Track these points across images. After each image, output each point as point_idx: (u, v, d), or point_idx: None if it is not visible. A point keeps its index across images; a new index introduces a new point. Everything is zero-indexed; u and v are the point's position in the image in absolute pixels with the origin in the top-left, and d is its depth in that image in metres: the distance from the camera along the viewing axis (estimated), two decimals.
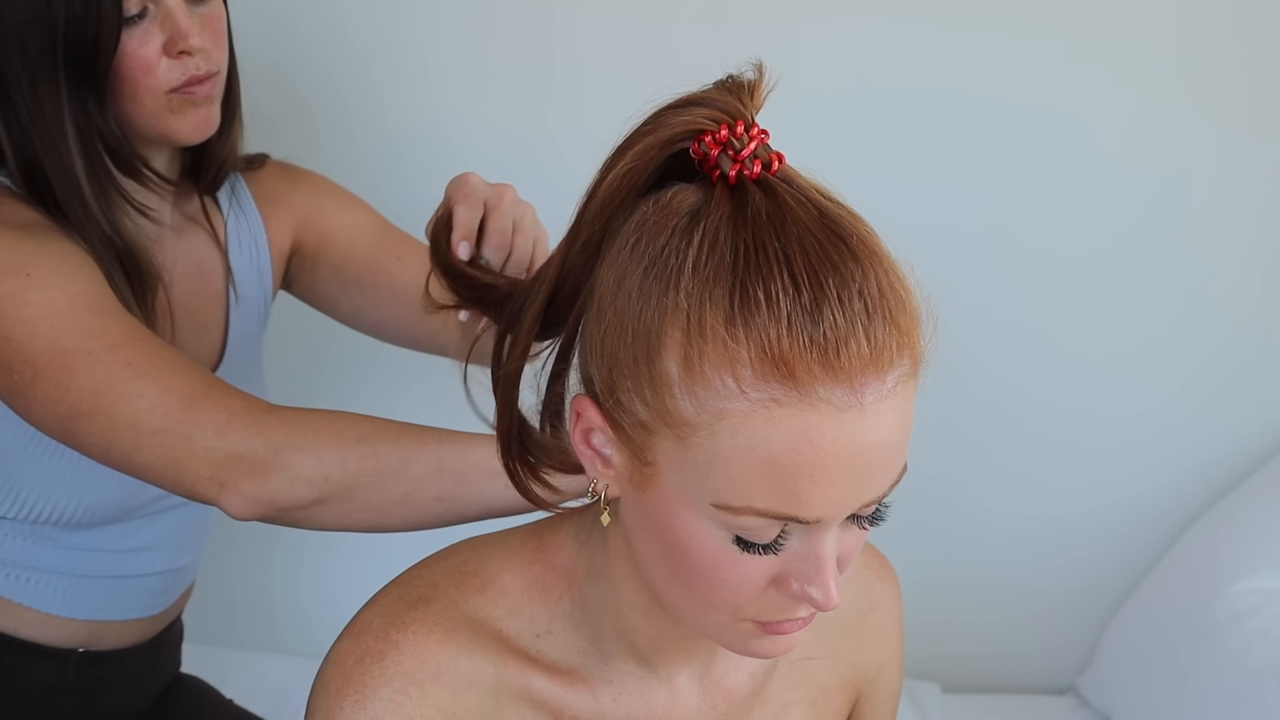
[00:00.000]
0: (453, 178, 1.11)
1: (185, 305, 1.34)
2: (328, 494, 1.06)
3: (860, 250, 0.72)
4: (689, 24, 1.75)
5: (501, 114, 1.80)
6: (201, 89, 1.22)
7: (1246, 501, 1.81)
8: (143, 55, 1.19)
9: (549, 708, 0.87)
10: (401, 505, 1.07)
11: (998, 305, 1.83)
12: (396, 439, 1.07)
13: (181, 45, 1.19)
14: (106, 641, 1.39)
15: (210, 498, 1.08)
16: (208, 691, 1.57)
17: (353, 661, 0.84)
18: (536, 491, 0.87)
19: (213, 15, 1.24)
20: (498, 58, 1.78)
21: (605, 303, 0.76)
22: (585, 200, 0.79)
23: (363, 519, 1.08)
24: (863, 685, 1.01)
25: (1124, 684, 1.82)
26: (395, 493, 1.06)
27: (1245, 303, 1.83)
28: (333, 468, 1.06)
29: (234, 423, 1.07)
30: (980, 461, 1.91)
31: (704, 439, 0.72)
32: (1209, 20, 1.74)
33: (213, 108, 1.25)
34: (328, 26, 1.78)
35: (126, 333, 1.12)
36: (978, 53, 1.76)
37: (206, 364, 1.36)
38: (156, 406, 1.08)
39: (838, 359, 0.70)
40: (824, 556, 0.76)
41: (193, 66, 1.21)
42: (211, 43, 1.23)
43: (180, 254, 1.34)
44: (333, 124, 1.82)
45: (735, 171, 0.74)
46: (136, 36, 1.18)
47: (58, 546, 1.32)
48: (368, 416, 1.10)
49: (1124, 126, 1.78)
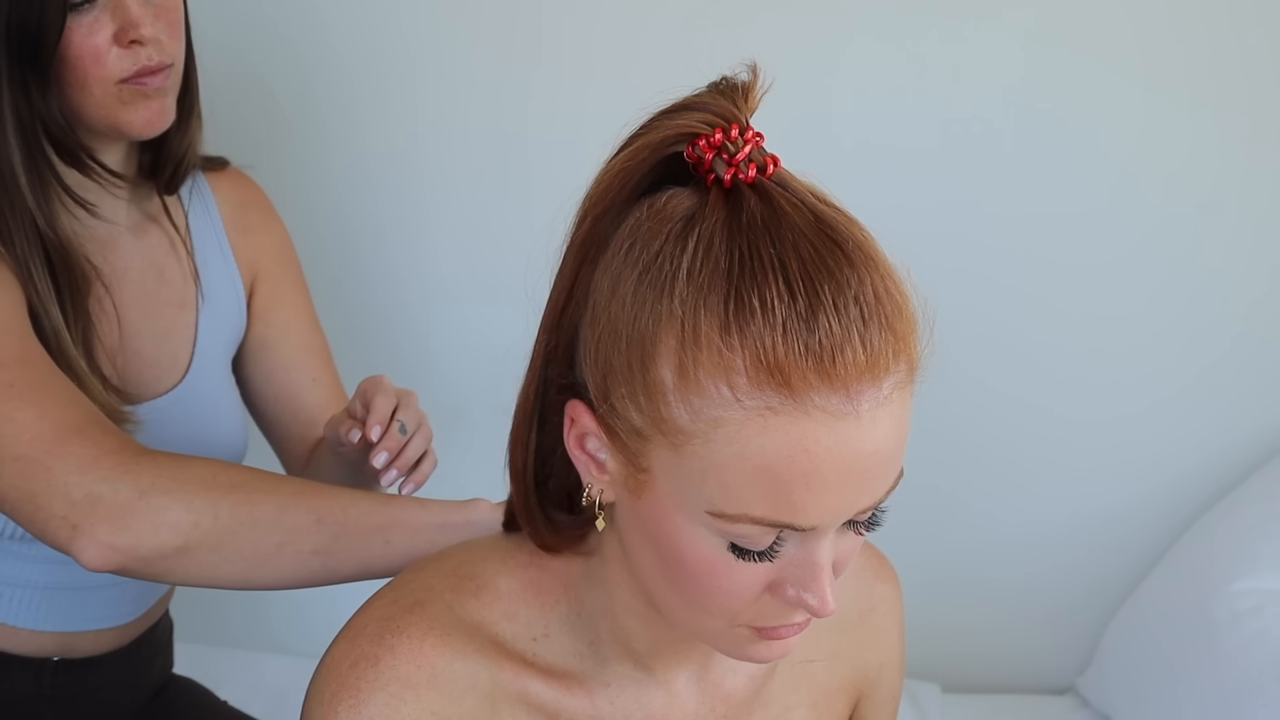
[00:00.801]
0: (367, 378, 1.18)
1: (144, 308, 1.31)
2: (195, 542, 1.01)
3: (856, 255, 0.72)
4: (682, 24, 1.75)
5: (481, 117, 1.80)
6: (154, 80, 1.19)
7: (1246, 501, 1.81)
8: (92, 44, 1.16)
9: (546, 711, 0.87)
10: (275, 558, 1.03)
11: (998, 309, 1.83)
12: (274, 489, 1.04)
13: (133, 34, 1.16)
14: (80, 650, 1.34)
15: (61, 542, 1.02)
16: (201, 694, 1.55)
17: (347, 666, 0.83)
18: (548, 537, 0.86)
19: (168, 6, 1.21)
20: (479, 57, 1.78)
21: (599, 308, 0.76)
22: (580, 204, 0.79)
23: (232, 572, 1.03)
24: (863, 686, 1.01)
25: (1124, 684, 1.81)
26: (269, 544, 1.02)
27: (1245, 305, 1.83)
28: (203, 514, 1.01)
29: (101, 461, 1.02)
30: (981, 462, 1.90)
31: (699, 447, 0.72)
32: (1212, 27, 1.74)
33: (166, 100, 1.22)
34: (308, 25, 1.78)
35: (19, 355, 1.09)
36: (979, 56, 1.76)
37: (171, 372, 1.32)
38: (24, 433, 1.04)
39: (833, 366, 0.70)
40: (820, 563, 0.75)
41: (144, 57, 1.18)
42: (166, 34, 1.20)
43: (138, 255, 1.31)
44: (305, 124, 1.82)
45: (730, 175, 0.73)
46: (86, 24, 1.16)
47: (20, 559, 1.28)
48: (247, 466, 1.07)
49: (1124, 131, 1.78)
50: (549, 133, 1.79)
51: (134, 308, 1.30)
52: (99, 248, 1.27)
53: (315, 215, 1.83)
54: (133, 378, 1.30)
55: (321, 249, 1.85)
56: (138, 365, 1.30)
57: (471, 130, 1.80)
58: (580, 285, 0.78)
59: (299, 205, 1.81)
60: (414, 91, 1.81)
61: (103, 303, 1.26)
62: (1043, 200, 1.80)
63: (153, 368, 1.32)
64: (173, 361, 1.33)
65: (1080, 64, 1.76)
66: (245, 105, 1.79)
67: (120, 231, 1.29)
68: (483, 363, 1.52)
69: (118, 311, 1.27)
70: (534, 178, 1.80)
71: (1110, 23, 1.74)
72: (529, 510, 0.85)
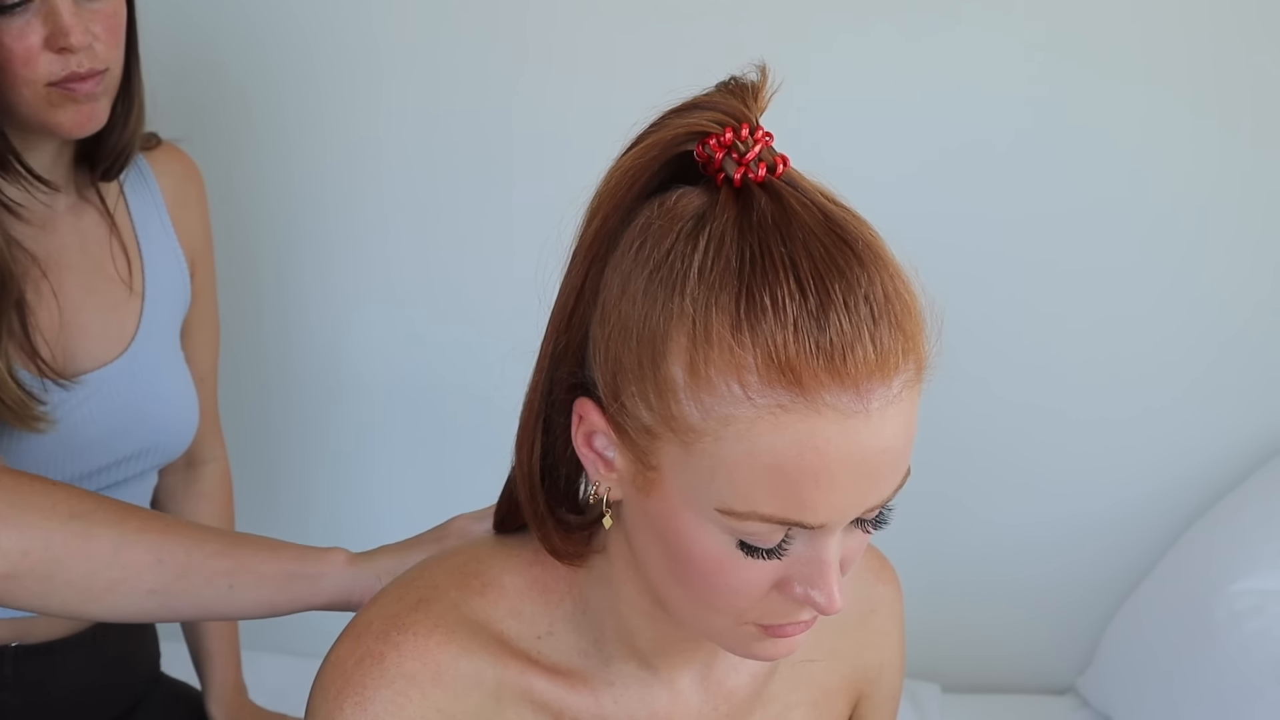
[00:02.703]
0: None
1: (85, 286, 1.31)
2: (23, 570, 0.97)
3: (866, 254, 0.72)
4: (675, 25, 1.75)
5: (469, 112, 1.80)
6: (83, 86, 1.19)
7: (1246, 501, 1.81)
8: (21, 46, 1.16)
9: (550, 709, 0.87)
10: (108, 594, 0.99)
11: (997, 311, 1.83)
12: (117, 521, 1.00)
13: (62, 42, 1.16)
14: (37, 634, 1.33)
15: None
16: (194, 696, 1.54)
17: (353, 663, 0.83)
18: (557, 540, 0.85)
19: (106, 11, 1.20)
20: (463, 53, 1.78)
21: (609, 306, 0.76)
22: (589, 203, 0.79)
23: (61, 602, 1.00)
24: (863, 687, 1.01)
25: (1124, 684, 1.82)
26: (103, 579, 0.99)
27: (1246, 306, 1.84)
28: (34, 542, 0.97)
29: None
30: (982, 463, 1.91)
31: (709, 444, 0.72)
32: (1215, 28, 1.74)
33: (98, 105, 1.22)
34: (285, 20, 1.78)
35: None
36: (981, 59, 1.76)
37: (116, 346, 1.33)
38: None
39: (844, 365, 0.70)
40: (827, 561, 0.75)
41: (74, 63, 1.18)
42: (103, 39, 1.20)
43: (78, 234, 1.31)
44: (288, 121, 1.82)
45: (740, 175, 0.74)
46: (17, 27, 1.15)
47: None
48: (96, 495, 1.03)
49: (1126, 135, 1.78)
50: (546, 129, 1.79)
51: (75, 286, 1.30)
52: (34, 231, 1.27)
53: (290, 214, 1.84)
54: (76, 351, 1.30)
55: (310, 248, 1.86)
56: (81, 339, 1.31)
57: (454, 123, 1.81)
58: (590, 284, 0.78)
59: (281, 204, 1.82)
60: (404, 86, 1.81)
61: (39, 286, 1.26)
62: (1041, 203, 1.80)
63: (97, 340, 1.32)
64: (119, 333, 1.34)
65: (1083, 67, 1.76)
66: (228, 108, 1.79)
67: (58, 214, 1.30)
68: (481, 365, 1.52)
69: (56, 294, 1.27)
70: (545, 174, 1.80)
71: (1113, 26, 1.74)
72: (538, 512, 0.85)
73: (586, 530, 0.86)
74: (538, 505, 0.85)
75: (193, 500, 1.52)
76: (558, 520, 0.85)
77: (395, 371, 1.90)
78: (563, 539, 0.85)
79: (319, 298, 1.89)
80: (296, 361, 1.92)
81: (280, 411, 1.95)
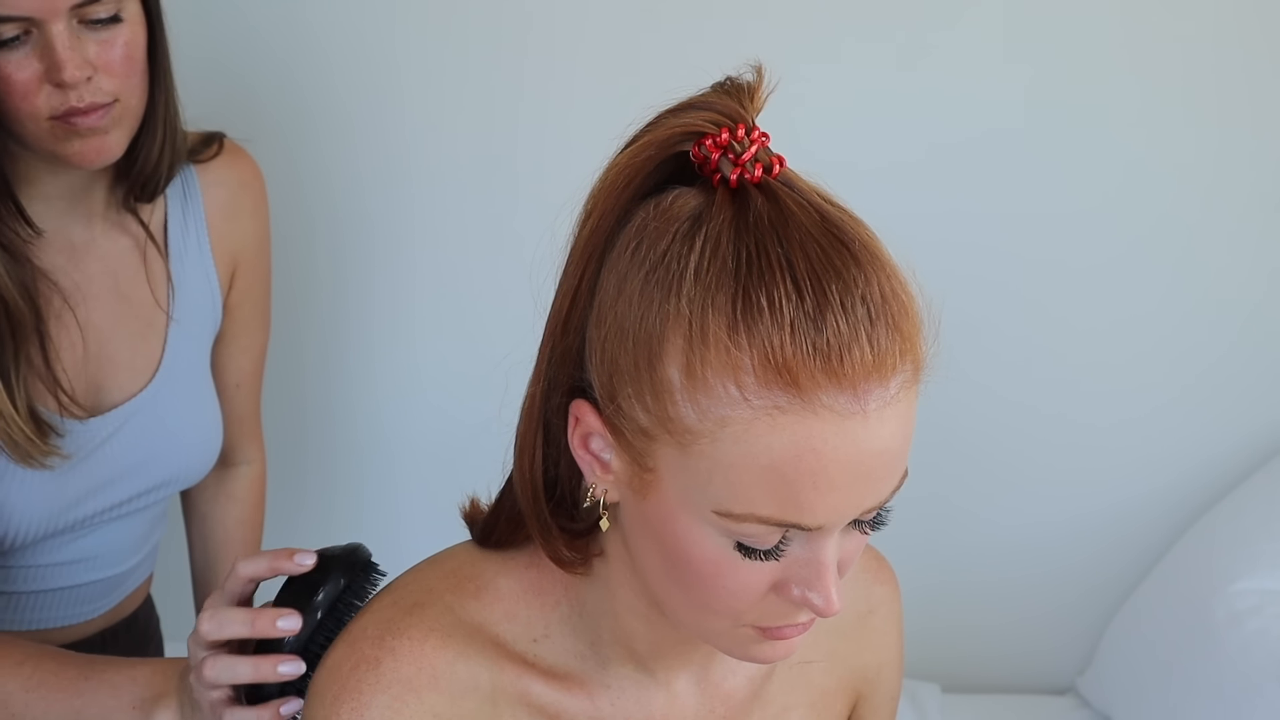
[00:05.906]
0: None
1: (114, 314, 1.29)
2: None
3: (862, 255, 0.72)
4: (672, 23, 1.74)
5: (475, 113, 1.80)
6: (85, 120, 1.15)
7: (1246, 501, 1.81)
8: (18, 79, 1.12)
9: (546, 712, 0.86)
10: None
11: (996, 312, 1.83)
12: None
13: (56, 77, 1.12)
14: (51, 642, 1.30)
15: None
16: None
17: (349, 668, 0.83)
18: (563, 549, 0.84)
19: (114, 41, 1.16)
20: (473, 53, 1.77)
21: (605, 308, 0.76)
22: (584, 203, 0.78)
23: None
24: (862, 688, 1.01)
25: (1124, 684, 1.82)
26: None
27: (1245, 307, 1.84)
28: None
29: None
30: (981, 463, 1.91)
31: (706, 446, 0.72)
32: (1215, 29, 1.74)
33: (107, 137, 1.17)
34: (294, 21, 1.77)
35: None
36: (980, 60, 1.76)
37: (142, 377, 1.31)
38: None
39: (841, 366, 0.70)
40: (825, 562, 0.75)
41: (74, 97, 1.13)
42: (115, 70, 1.16)
43: (108, 261, 1.29)
44: (293, 121, 1.81)
45: (736, 175, 0.73)
46: (15, 60, 1.12)
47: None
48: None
49: (1126, 135, 1.78)
50: (543, 126, 1.79)
51: (104, 315, 1.28)
52: (62, 260, 1.25)
53: (299, 216, 1.83)
54: (103, 382, 1.29)
55: (311, 250, 1.85)
56: (109, 371, 1.29)
57: (460, 125, 1.80)
58: (586, 285, 0.78)
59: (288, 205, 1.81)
60: (402, 86, 1.80)
61: (63, 318, 1.24)
62: (1040, 203, 1.80)
63: (125, 370, 1.31)
64: (146, 363, 1.32)
65: (1082, 67, 1.75)
66: (231, 109, 1.78)
67: (93, 238, 1.27)
68: (479, 369, 1.51)
69: (80, 324, 1.25)
70: (545, 173, 1.79)
71: (1114, 26, 1.74)
72: (542, 521, 0.84)
73: (590, 537, 0.85)
74: (542, 514, 0.84)
75: (222, 501, 1.50)
76: (562, 528, 0.84)
77: (398, 372, 1.90)
78: (568, 546, 0.85)
79: (357, 302, 1.88)
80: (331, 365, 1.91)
81: (315, 412, 1.93)
